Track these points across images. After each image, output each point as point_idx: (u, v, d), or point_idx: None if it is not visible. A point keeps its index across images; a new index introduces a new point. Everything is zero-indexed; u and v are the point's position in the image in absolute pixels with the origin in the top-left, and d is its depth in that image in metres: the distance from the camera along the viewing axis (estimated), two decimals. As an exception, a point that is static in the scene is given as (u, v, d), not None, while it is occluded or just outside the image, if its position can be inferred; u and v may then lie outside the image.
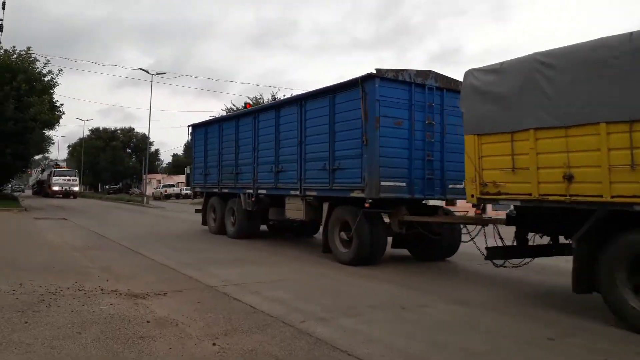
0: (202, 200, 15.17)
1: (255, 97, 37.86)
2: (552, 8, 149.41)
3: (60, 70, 23.95)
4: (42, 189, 51.25)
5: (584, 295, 6.58)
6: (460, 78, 6.74)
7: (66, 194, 42.99)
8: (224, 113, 38.80)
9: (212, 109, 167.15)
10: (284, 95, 37.18)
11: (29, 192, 65.96)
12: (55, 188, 42.68)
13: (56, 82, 23.80)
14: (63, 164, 53.37)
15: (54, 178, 43.54)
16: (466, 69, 6.54)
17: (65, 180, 43.59)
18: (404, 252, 9.86)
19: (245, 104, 34.37)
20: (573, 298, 6.47)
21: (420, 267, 8.77)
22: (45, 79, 23.39)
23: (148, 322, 4.45)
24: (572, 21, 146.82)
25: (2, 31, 25.98)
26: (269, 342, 4.01)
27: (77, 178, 46.58)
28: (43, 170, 54.00)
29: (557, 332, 4.58)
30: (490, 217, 8.68)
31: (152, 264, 7.97)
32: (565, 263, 10.11)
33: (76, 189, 44.95)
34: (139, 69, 38.94)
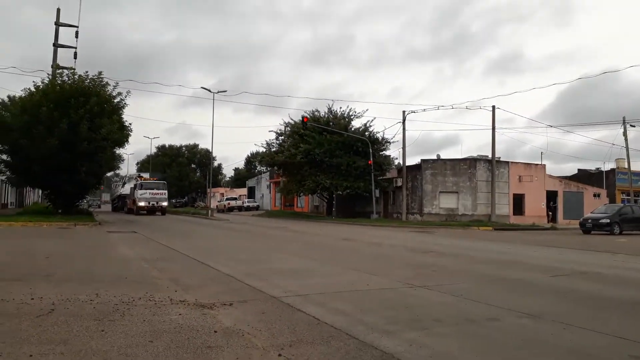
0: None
1: (312, 111, 38.29)
2: (618, 11, 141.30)
3: (128, 92, 25.34)
4: (123, 204, 46.15)
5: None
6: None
7: (152, 210, 37.41)
8: (283, 128, 39.57)
9: (271, 124, 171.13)
10: (340, 108, 37.37)
11: (106, 207, 64.77)
12: (141, 203, 36.89)
13: (125, 103, 25.19)
14: (146, 176, 45.31)
15: (139, 192, 37.43)
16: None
17: (152, 194, 37.47)
18: (466, 266, 9.52)
19: (303, 117, 34.97)
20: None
21: (484, 279, 8.44)
22: (115, 101, 24.80)
23: (215, 332, 4.53)
24: (638, 24, 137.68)
25: (76, 58, 27.95)
26: (334, 355, 3.95)
27: (166, 191, 39.21)
28: (124, 183, 47.99)
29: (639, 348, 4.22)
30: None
31: (217, 275, 8.16)
32: (628, 272, 9.48)
33: (165, 204, 38.26)
34: (202, 87, 40.34)
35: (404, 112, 34.83)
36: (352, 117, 37.71)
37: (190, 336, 4.36)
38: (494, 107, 33.14)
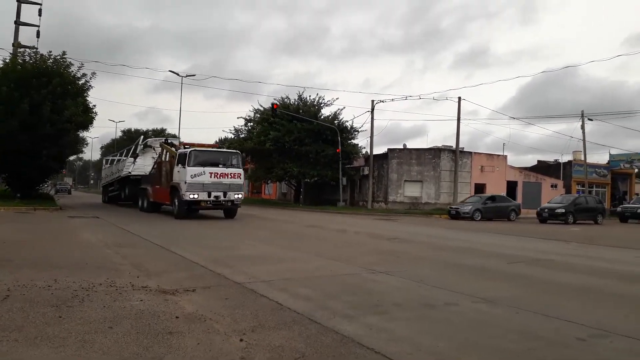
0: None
1: (282, 98, 38.07)
2: (579, 12, 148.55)
3: (93, 73, 24.47)
4: (134, 195, 25.26)
5: (607, 294, 6.44)
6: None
7: (213, 208, 19.29)
8: (252, 115, 39.19)
9: (243, 111, 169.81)
10: (310, 96, 37.26)
11: (91, 197, 44.16)
12: (194, 195, 17.97)
13: (90, 85, 24.38)
14: (175, 141, 23.99)
15: (189, 171, 18.03)
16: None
17: (216, 176, 18.44)
18: (427, 252, 9.76)
19: (273, 104, 34.71)
20: (594, 296, 6.32)
21: (444, 266, 8.68)
22: (80, 82, 23.99)
23: (177, 317, 4.53)
24: (599, 25, 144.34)
25: (38, 37, 26.86)
26: (296, 339, 4.03)
27: (242, 171, 19.74)
28: (136, 155, 25.85)
29: (587, 332, 4.46)
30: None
31: (182, 261, 8.11)
32: (579, 259, 9.97)
33: (240, 196, 19.26)
34: (170, 71, 39.06)
35: (372, 101, 35.20)
36: (322, 105, 37.69)
37: (151, 322, 4.35)
38: (459, 98, 33.73)
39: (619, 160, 44.57)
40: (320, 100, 37.77)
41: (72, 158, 55.93)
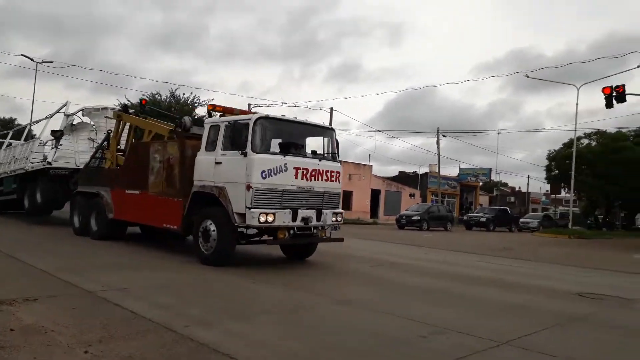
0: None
1: (152, 94, 36.16)
2: (438, 38, 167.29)
3: None
4: (74, 205, 12.74)
5: (451, 295, 7.19)
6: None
7: (285, 240, 8.51)
8: (118, 108, 36.56)
9: (109, 104, 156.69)
10: (184, 94, 35.86)
11: None
12: (266, 216, 7.77)
13: None
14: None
15: (263, 162, 7.92)
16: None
17: (306, 175, 8.53)
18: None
19: (141, 100, 32.73)
20: (440, 297, 7.02)
21: (305, 269, 8.96)
22: None
23: (12, 330, 4.07)
24: (454, 51, 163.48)
25: None
26: (148, 349, 3.85)
27: (341, 168, 10.09)
28: (59, 134, 14.36)
29: (429, 330, 4.92)
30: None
31: (27, 269, 7.27)
32: (428, 263, 11.00)
33: (339, 218, 9.41)
34: (22, 55, 34.09)
35: (249, 105, 34.94)
36: (196, 104, 36.48)
37: (-22, 337, 3.85)
38: (332, 108, 35.07)
39: (467, 174, 49.89)
40: (195, 99, 36.57)
41: None
